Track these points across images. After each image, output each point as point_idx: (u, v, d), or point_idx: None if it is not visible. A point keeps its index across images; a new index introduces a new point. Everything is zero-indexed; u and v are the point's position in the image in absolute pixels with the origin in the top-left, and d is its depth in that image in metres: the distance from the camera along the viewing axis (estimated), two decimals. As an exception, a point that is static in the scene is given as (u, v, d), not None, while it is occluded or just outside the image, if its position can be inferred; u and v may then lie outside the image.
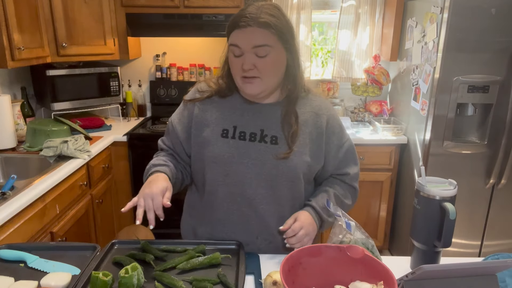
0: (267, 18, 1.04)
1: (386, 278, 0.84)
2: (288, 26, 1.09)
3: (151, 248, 1.11)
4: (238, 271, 1.02)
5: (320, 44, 3.22)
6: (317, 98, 1.23)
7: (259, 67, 1.07)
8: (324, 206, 1.17)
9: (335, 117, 1.22)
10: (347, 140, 1.24)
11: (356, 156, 1.27)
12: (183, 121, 1.22)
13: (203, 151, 1.17)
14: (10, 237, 1.48)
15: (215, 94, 1.21)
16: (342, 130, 1.23)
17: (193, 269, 1.04)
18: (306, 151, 1.15)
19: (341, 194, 1.24)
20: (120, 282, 0.93)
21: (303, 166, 1.15)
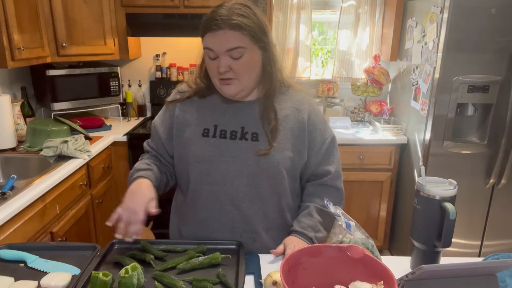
0: (238, 19, 1.04)
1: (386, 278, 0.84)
2: (260, 24, 1.09)
3: (151, 248, 1.11)
4: (238, 271, 1.02)
5: (320, 44, 3.22)
6: (298, 93, 1.23)
7: (235, 68, 1.08)
8: (307, 225, 1.17)
9: (317, 112, 1.22)
10: (330, 136, 1.22)
11: (338, 153, 1.25)
12: (165, 122, 1.23)
13: (185, 151, 1.17)
14: (10, 237, 1.48)
15: (195, 94, 1.22)
16: (325, 125, 1.22)
17: (193, 269, 1.04)
18: (288, 147, 1.15)
19: (324, 205, 1.18)
20: (120, 282, 0.93)
21: (285, 161, 1.14)
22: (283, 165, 1.14)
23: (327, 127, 1.23)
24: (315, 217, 1.19)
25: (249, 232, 1.19)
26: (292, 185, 1.22)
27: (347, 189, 2.83)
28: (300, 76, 3.04)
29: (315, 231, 1.17)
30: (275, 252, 1.12)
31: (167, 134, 1.22)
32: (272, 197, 1.18)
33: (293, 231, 1.18)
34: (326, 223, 1.20)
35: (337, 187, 1.25)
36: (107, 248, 1.13)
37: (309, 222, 1.18)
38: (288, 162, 1.15)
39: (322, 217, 1.20)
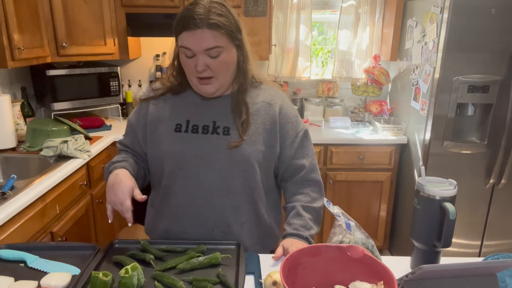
0: (216, 19, 1.05)
1: (386, 278, 0.84)
2: (236, 23, 1.11)
3: (151, 248, 1.11)
4: (238, 271, 1.02)
5: (320, 44, 3.22)
6: (270, 88, 1.25)
7: (213, 67, 1.10)
8: (300, 225, 1.18)
9: (289, 106, 1.24)
10: (302, 129, 1.24)
11: (312, 146, 1.27)
12: (139, 119, 1.25)
13: (158, 147, 1.19)
14: (10, 237, 1.48)
15: (168, 91, 1.24)
16: (297, 119, 1.24)
17: (193, 269, 1.04)
18: (259, 140, 1.17)
19: (308, 201, 1.23)
20: (120, 282, 0.93)
21: (257, 155, 1.16)
22: (255, 158, 1.16)
23: (299, 121, 1.25)
24: (304, 216, 1.20)
25: (221, 226, 1.20)
26: (266, 179, 1.23)
27: (347, 189, 2.85)
28: (300, 76, 3.04)
29: (308, 229, 1.19)
30: (275, 257, 1.13)
31: (142, 131, 1.24)
32: (244, 190, 1.19)
33: (287, 235, 1.19)
34: (315, 219, 1.23)
35: (315, 180, 1.26)
36: (107, 248, 1.13)
37: (300, 222, 1.19)
38: (260, 155, 1.17)
39: (309, 213, 1.21)
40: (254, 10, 2.66)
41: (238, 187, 1.18)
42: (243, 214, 1.21)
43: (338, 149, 2.62)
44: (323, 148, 2.62)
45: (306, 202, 1.22)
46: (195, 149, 1.16)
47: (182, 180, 1.17)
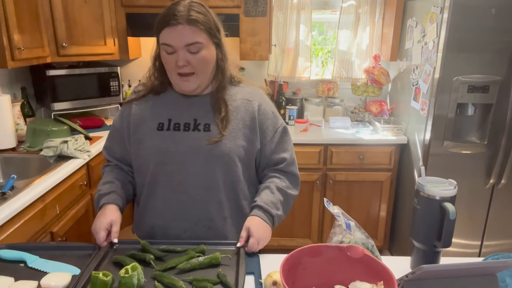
0: (196, 15, 1.10)
1: (386, 278, 0.84)
2: (215, 22, 1.16)
3: (151, 248, 1.11)
4: (238, 271, 1.02)
5: (320, 44, 3.22)
6: (249, 86, 1.29)
7: (193, 63, 1.13)
8: (270, 201, 1.21)
9: (267, 103, 1.28)
10: (281, 125, 1.28)
11: (291, 141, 1.31)
12: (123, 121, 1.28)
13: (141, 147, 1.22)
14: (10, 237, 1.48)
15: (150, 92, 1.27)
16: (275, 115, 1.28)
17: (193, 269, 1.04)
18: (239, 135, 1.20)
19: (284, 186, 1.26)
20: (120, 282, 0.93)
21: (237, 149, 1.19)
22: (235, 153, 1.19)
23: (278, 117, 1.29)
24: (276, 194, 1.23)
25: (204, 220, 1.23)
26: (247, 173, 1.26)
27: (347, 189, 2.85)
28: (300, 76, 3.04)
29: (277, 208, 1.22)
30: (240, 243, 1.14)
31: (127, 133, 1.27)
32: (225, 185, 1.22)
33: (255, 206, 1.21)
34: (285, 203, 1.25)
35: (293, 173, 1.30)
36: (107, 248, 1.13)
37: (271, 199, 1.22)
38: (240, 150, 1.20)
39: (282, 195, 1.24)
40: (254, 10, 2.67)
41: (219, 182, 1.20)
42: (225, 209, 1.24)
43: (338, 149, 2.62)
44: (323, 148, 2.62)
45: (281, 186, 1.25)
46: (177, 146, 1.19)
47: (165, 177, 1.21)
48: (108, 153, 1.34)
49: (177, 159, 1.19)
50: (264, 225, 1.18)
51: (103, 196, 1.23)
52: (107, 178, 1.28)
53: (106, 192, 1.24)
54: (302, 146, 2.60)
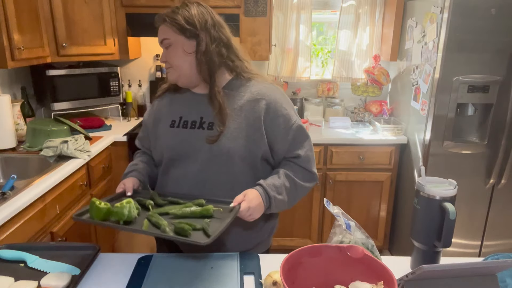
0: (168, 14, 1.20)
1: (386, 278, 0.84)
2: (192, 19, 1.17)
3: (156, 197, 1.19)
4: (222, 224, 1.00)
5: (320, 44, 3.22)
6: (259, 84, 1.26)
7: (167, 58, 1.22)
8: (273, 184, 1.19)
9: (278, 101, 1.23)
10: (295, 122, 1.24)
11: (306, 137, 1.26)
12: (149, 116, 1.38)
13: (157, 142, 1.31)
14: (10, 237, 1.48)
15: (168, 89, 1.36)
16: (288, 113, 1.23)
17: (184, 217, 1.08)
18: (241, 135, 1.19)
19: (292, 174, 1.23)
20: (111, 210, 1.01)
21: (238, 149, 1.19)
22: (236, 153, 1.19)
23: (291, 115, 1.24)
24: (282, 179, 1.22)
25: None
26: (252, 173, 1.24)
27: (347, 189, 2.85)
28: (300, 76, 3.04)
29: (278, 192, 1.20)
30: (234, 203, 1.13)
31: (150, 128, 1.37)
32: (223, 183, 1.22)
33: (257, 184, 1.20)
34: (291, 191, 1.23)
35: (308, 169, 1.27)
36: (120, 193, 1.19)
37: (274, 182, 1.20)
38: (241, 150, 1.19)
39: (289, 182, 1.22)
40: (254, 10, 2.67)
41: (216, 180, 1.22)
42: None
43: (338, 149, 2.62)
44: (323, 148, 2.62)
45: (291, 174, 1.23)
46: (182, 143, 1.23)
47: (173, 171, 1.27)
48: (139, 143, 1.46)
49: (182, 156, 1.24)
50: (259, 200, 1.15)
51: (124, 175, 1.32)
52: (133, 162, 1.39)
53: (127, 171, 1.33)
54: (302, 146, 2.60)
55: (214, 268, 1.09)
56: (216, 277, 1.04)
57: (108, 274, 1.10)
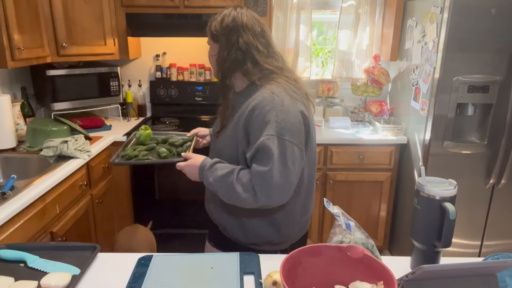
0: (209, 23, 1.31)
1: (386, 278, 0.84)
2: (220, 28, 1.26)
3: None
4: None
5: (320, 44, 3.22)
6: (262, 90, 1.23)
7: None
8: (217, 168, 1.23)
9: (263, 110, 1.18)
10: (266, 137, 1.15)
11: (269, 157, 1.14)
12: None
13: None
14: (10, 237, 1.48)
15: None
16: (266, 125, 1.16)
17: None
18: (231, 135, 1.26)
19: (239, 180, 1.18)
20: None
21: (229, 148, 1.27)
22: (224, 150, 1.29)
23: (268, 129, 1.16)
24: (228, 170, 1.21)
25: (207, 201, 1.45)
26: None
27: (347, 189, 2.85)
28: (300, 76, 3.04)
29: (213, 176, 1.23)
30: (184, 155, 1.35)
31: None
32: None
33: (215, 160, 1.28)
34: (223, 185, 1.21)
35: (253, 187, 1.16)
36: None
37: (222, 168, 1.23)
38: (227, 148, 1.29)
39: (229, 179, 1.20)
40: (254, 10, 2.66)
41: None
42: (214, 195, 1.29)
43: (338, 149, 2.62)
44: (323, 148, 2.62)
45: (239, 175, 1.19)
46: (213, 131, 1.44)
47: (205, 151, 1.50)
48: None
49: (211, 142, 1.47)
50: (195, 169, 1.27)
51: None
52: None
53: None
54: (302, 146, 2.60)
55: (214, 268, 1.09)
56: (216, 277, 1.04)
57: (108, 274, 1.10)
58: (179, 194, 2.67)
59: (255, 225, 1.30)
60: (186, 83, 3.02)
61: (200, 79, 3.04)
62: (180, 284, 1.02)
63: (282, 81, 1.27)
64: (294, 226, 1.34)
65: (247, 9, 1.30)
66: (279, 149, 1.14)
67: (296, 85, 1.31)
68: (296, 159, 1.17)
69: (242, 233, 1.33)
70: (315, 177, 1.42)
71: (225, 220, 1.35)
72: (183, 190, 2.65)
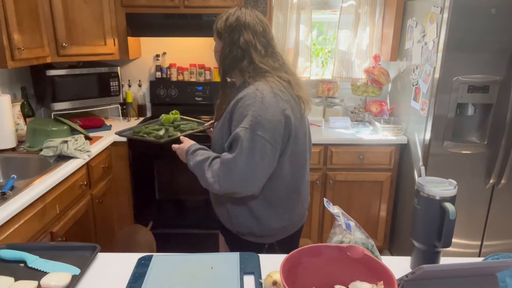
0: (216, 21, 1.38)
1: (386, 278, 0.84)
2: (224, 26, 1.34)
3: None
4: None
5: (320, 44, 3.22)
6: (250, 86, 1.30)
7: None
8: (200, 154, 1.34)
9: (243, 104, 1.25)
10: (240, 128, 1.23)
11: (236, 146, 1.23)
12: None
13: None
14: (10, 237, 1.48)
15: None
16: (243, 118, 1.23)
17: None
18: (223, 128, 1.33)
19: (211, 167, 1.28)
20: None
21: (220, 139, 1.35)
22: (217, 141, 1.37)
23: (244, 122, 1.23)
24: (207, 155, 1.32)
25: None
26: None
27: (347, 189, 2.85)
28: (300, 76, 3.04)
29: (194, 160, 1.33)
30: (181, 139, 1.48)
31: None
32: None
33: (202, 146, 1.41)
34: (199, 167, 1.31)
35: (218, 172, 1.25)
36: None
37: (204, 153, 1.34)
38: (218, 139, 1.36)
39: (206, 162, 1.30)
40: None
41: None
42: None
43: (338, 149, 2.62)
44: (323, 148, 2.62)
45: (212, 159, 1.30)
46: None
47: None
48: None
49: None
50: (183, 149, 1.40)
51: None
52: None
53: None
54: (302, 146, 2.60)
55: (214, 268, 1.09)
56: (216, 277, 1.05)
57: (108, 274, 1.10)
58: (179, 194, 2.67)
59: (238, 214, 1.38)
60: (186, 83, 3.02)
61: (200, 79, 3.04)
62: (180, 284, 1.02)
63: (272, 80, 1.31)
64: (276, 222, 1.39)
65: (252, 9, 1.36)
66: (249, 142, 1.21)
67: (287, 86, 1.34)
68: (266, 154, 1.23)
69: (229, 221, 1.42)
70: (305, 178, 1.45)
71: (217, 208, 1.48)
72: (183, 190, 2.66)
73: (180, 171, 2.59)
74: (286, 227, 1.44)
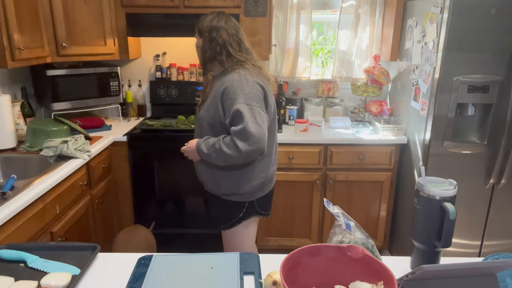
0: (198, 21, 1.76)
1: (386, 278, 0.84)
2: (205, 26, 1.71)
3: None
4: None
5: (320, 44, 3.22)
6: (232, 73, 1.65)
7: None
8: (207, 142, 1.64)
9: (234, 87, 1.60)
10: (238, 105, 1.56)
11: (242, 118, 1.54)
12: None
13: None
14: (10, 237, 1.48)
15: None
16: (237, 97, 1.57)
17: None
18: (210, 108, 1.67)
19: (222, 140, 1.59)
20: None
21: (206, 117, 1.69)
22: (205, 119, 1.70)
23: (238, 99, 1.57)
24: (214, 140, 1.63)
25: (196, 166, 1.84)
26: (213, 132, 1.69)
27: (347, 189, 2.85)
28: (300, 76, 3.04)
29: (206, 148, 1.63)
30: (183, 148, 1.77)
31: None
32: (197, 136, 1.77)
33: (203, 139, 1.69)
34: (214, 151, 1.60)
35: (234, 142, 1.55)
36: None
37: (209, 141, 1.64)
38: (208, 118, 1.68)
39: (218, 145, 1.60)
40: (254, 10, 2.67)
41: (196, 134, 1.80)
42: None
43: (338, 149, 2.62)
44: (323, 148, 2.62)
45: (222, 140, 1.59)
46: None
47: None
48: None
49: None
50: (193, 148, 1.70)
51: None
52: None
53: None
54: (302, 146, 2.60)
55: (214, 268, 1.09)
56: (216, 277, 1.05)
57: (108, 274, 1.10)
58: (179, 194, 2.68)
59: (222, 177, 1.71)
60: (186, 83, 3.02)
61: (200, 79, 3.04)
62: (180, 284, 1.02)
63: (248, 66, 1.69)
64: (254, 181, 1.72)
65: (227, 15, 1.73)
66: (249, 112, 1.55)
67: (260, 71, 1.72)
68: (263, 118, 1.58)
69: (216, 186, 1.74)
70: (275, 142, 1.81)
71: (204, 176, 1.78)
72: (183, 190, 2.66)
73: (180, 171, 2.59)
74: (262, 186, 1.76)
